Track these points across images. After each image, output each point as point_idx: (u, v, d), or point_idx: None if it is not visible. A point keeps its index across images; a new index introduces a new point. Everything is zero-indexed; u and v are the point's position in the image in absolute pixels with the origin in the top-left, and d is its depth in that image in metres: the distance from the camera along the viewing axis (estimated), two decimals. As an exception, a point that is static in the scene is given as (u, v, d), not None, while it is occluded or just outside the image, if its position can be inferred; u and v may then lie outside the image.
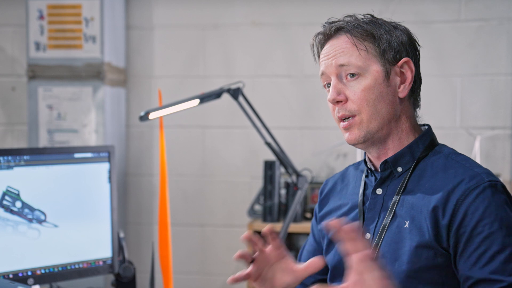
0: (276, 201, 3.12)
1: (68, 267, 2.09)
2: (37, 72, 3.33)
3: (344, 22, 1.45)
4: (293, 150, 3.30)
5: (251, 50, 3.47)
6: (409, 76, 1.44)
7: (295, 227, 3.03)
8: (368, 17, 1.46)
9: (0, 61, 3.61)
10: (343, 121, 1.43)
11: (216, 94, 2.49)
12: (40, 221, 2.04)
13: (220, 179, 3.53)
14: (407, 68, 1.44)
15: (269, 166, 3.12)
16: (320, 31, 1.48)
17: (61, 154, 2.11)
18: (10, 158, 1.99)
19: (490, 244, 1.29)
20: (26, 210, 2.01)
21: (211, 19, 3.50)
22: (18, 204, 2.00)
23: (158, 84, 3.51)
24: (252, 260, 1.44)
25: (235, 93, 2.51)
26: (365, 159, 1.51)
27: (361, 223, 1.46)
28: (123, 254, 2.22)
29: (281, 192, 3.20)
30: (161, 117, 2.35)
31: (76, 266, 2.11)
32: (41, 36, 3.32)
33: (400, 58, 1.43)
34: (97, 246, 2.16)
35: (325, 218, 1.58)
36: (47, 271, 2.05)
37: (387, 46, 1.42)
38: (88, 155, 2.14)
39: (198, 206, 3.54)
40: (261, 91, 3.43)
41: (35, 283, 2.02)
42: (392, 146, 1.45)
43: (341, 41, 1.43)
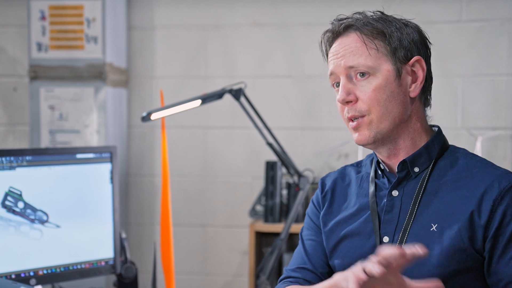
0: (278, 202, 3.12)
1: (70, 268, 2.09)
2: (39, 73, 3.34)
3: (354, 20, 1.40)
4: (294, 151, 3.31)
5: (252, 51, 3.48)
6: (421, 75, 1.40)
7: (297, 228, 3.01)
8: (378, 14, 1.42)
9: (2, 62, 3.62)
10: (352, 121, 1.39)
11: (218, 95, 2.50)
12: (42, 222, 2.04)
13: (222, 180, 3.53)
14: (419, 67, 1.40)
15: (271, 167, 3.13)
16: (329, 29, 1.43)
17: (63, 155, 2.11)
18: (13, 159, 1.99)
19: None
20: (29, 211, 2.01)
21: (212, 20, 3.50)
22: (21, 205, 2.00)
23: (160, 85, 3.51)
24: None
25: (237, 94, 2.51)
26: (378, 160, 1.46)
27: (377, 226, 1.41)
28: (125, 255, 2.22)
29: (283, 193, 3.20)
30: (163, 118, 2.36)
31: (78, 267, 2.11)
32: (43, 37, 3.33)
33: (412, 57, 1.39)
34: (99, 247, 2.16)
35: (329, 217, 1.52)
36: (49, 272, 2.05)
37: (398, 44, 1.38)
38: (90, 156, 2.15)
39: (200, 207, 3.55)
40: (262, 92, 3.43)
41: (37, 284, 2.03)
42: (404, 147, 1.41)
43: (351, 40, 1.39)
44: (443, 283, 1.27)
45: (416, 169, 1.40)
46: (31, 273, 2.01)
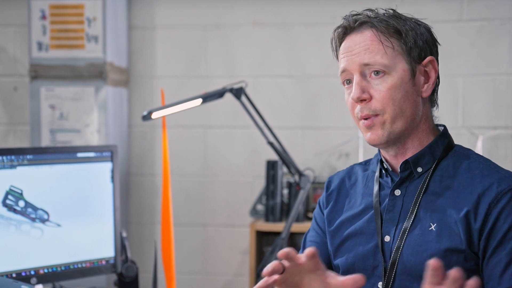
0: (279, 201, 3.12)
1: (71, 267, 2.09)
2: (40, 72, 3.34)
3: (368, 16, 1.38)
4: (295, 150, 3.30)
5: (253, 50, 3.47)
6: (433, 76, 1.40)
7: (298, 227, 3.03)
8: (391, 12, 1.40)
9: (2, 61, 3.62)
10: (365, 120, 1.37)
11: (219, 94, 2.50)
12: (43, 221, 2.04)
13: (222, 179, 3.53)
14: (431, 68, 1.40)
15: (271, 166, 3.12)
16: (341, 24, 1.41)
17: (64, 154, 2.11)
18: (13, 158, 1.99)
19: None
20: (29, 210, 2.01)
21: (213, 19, 3.50)
22: (21, 204, 2.00)
23: (160, 84, 3.51)
24: (283, 270, 1.25)
25: (238, 93, 2.51)
26: (381, 159, 1.45)
27: (379, 225, 1.41)
28: (126, 254, 2.22)
29: (283, 192, 3.20)
30: (164, 117, 2.36)
31: (79, 266, 2.11)
32: (44, 36, 3.33)
33: (425, 57, 1.39)
34: (100, 246, 2.16)
35: (334, 216, 1.51)
36: (50, 271, 2.05)
37: (413, 44, 1.37)
38: (91, 155, 2.15)
39: (200, 206, 3.55)
40: (263, 91, 3.43)
41: (38, 283, 2.02)
42: (412, 147, 1.40)
43: (365, 37, 1.37)
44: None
45: (419, 169, 1.40)
46: (32, 272, 2.01)
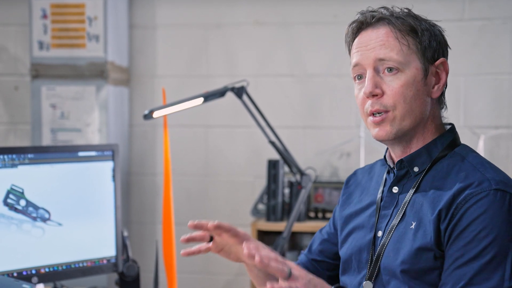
0: (280, 200, 3.12)
1: (72, 266, 2.09)
2: (40, 71, 3.33)
3: (385, 13, 1.40)
4: (296, 150, 3.30)
5: (254, 50, 3.47)
6: (444, 78, 1.42)
7: (299, 226, 3.02)
8: (406, 12, 1.42)
9: (4, 61, 3.61)
10: (374, 116, 1.38)
11: (220, 93, 2.49)
12: (44, 220, 2.04)
13: (224, 179, 3.52)
14: (443, 69, 1.43)
15: (273, 165, 3.12)
16: (357, 19, 1.42)
17: (65, 153, 2.11)
18: (15, 157, 1.99)
19: (468, 250, 1.26)
20: (30, 209, 2.01)
21: (214, 19, 3.50)
22: (23, 203, 2.00)
23: (161, 83, 3.51)
24: (211, 239, 1.52)
25: (239, 92, 2.50)
26: (385, 156, 1.48)
27: (376, 220, 1.44)
28: (127, 253, 2.22)
29: (285, 191, 3.19)
30: (165, 116, 2.35)
31: (80, 265, 2.10)
32: (45, 35, 3.32)
33: (438, 58, 1.42)
34: (101, 245, 2.15)
35: (346, 210, 1.55)
36: (51, 270, 2.05)
37: (428, 44, 1.39)
38: (92, 154, 2.14)
39: (201, 206, 3.54)
40: (264, 91, 3.43)
41: (39, 282, 2.02)
42: (416, 146, 1.41)
43: (381, 33, 1.38)
44: (416, 280, 1.31)
45: (416, 169, 1.41)
46: (33, 271, 2.01)
